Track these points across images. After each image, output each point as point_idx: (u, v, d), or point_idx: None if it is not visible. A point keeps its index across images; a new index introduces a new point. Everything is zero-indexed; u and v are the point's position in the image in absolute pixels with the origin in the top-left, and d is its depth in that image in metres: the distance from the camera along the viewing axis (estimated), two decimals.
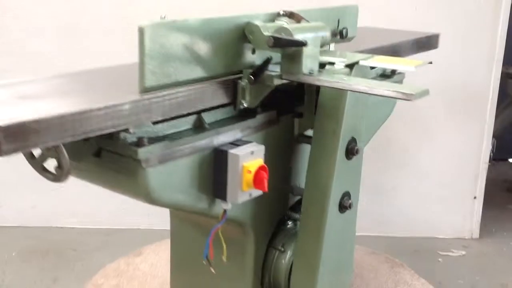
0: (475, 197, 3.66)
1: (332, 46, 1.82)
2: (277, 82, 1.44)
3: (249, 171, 1.39)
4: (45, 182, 3.51)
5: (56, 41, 3.38)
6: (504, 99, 4.14)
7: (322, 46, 1.50)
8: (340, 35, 1.74)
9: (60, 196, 3.60)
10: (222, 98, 1.43)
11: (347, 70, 1.57)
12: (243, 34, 1.46)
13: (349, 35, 1.77)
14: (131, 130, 1.25)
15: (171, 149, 1.33)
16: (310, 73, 1.44)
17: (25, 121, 1.01)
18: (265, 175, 1.42)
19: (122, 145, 1.27)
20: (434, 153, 3.61)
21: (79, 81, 1.46)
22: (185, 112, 1.36)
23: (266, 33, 1.43)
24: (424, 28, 2.66)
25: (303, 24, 1.51)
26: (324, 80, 1.42)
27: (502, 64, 3.49)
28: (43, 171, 1.29)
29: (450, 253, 3.54)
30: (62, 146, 1.21)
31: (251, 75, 1.44)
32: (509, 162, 4.99)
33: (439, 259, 3.48)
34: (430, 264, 3.39)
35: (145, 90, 1.26)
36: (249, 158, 1.40)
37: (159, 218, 1.59)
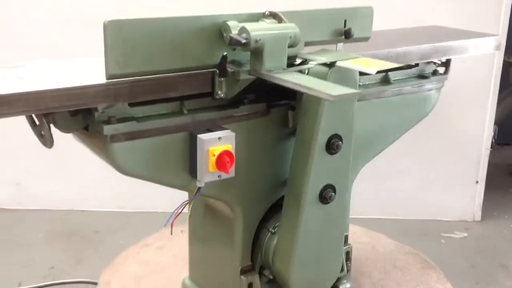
0: (477, 182, 3.76)
1: (340, 46, 1.84)
2: (243, 77, 1.56)
3: (214, 155, 1.54)
4: (69, 168, 3.63)
5: (59, 34, 3.46)
6: (505, 87, 4.18)
7: (291, 46, 1.58)
8: (345, 35, 1.76)
9: (83, 181, 3.78)
10: (197, 88, 1.57)
11: (325, 69, 1.62)
12: (220, 32, 1.58)
13: (357, 35, 1.79)
14: (99, 109, 1.45)
15: (140, 129, 1.51)
16: (271, 71, 1.55)
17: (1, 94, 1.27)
18: (227, 159, 1.54)
19: (96, 122, 1.47)
20: (437, 139, 3.69)
21: (65, 67, 1.64)
22: (154, 98, 1.52)
23: (234, 32, 1.53)
24: (425, 18, 2.69)
25: (269, 24, 1.60)
26: (277, 77, 1.52)
27: (504, 53, 3.56)
28: (40, 137, 1.51)
29: (453, 235, 3.65)
30: (43, 118, 1.44)
31: (217, 69, 1.57)
32: None
33: (442, 241, 3.59)
34: (434, 245, 3.49)
35: (110, 77, 1.43)
36: (216, 143, 1.54)
37: (177, 202, 1.72)
